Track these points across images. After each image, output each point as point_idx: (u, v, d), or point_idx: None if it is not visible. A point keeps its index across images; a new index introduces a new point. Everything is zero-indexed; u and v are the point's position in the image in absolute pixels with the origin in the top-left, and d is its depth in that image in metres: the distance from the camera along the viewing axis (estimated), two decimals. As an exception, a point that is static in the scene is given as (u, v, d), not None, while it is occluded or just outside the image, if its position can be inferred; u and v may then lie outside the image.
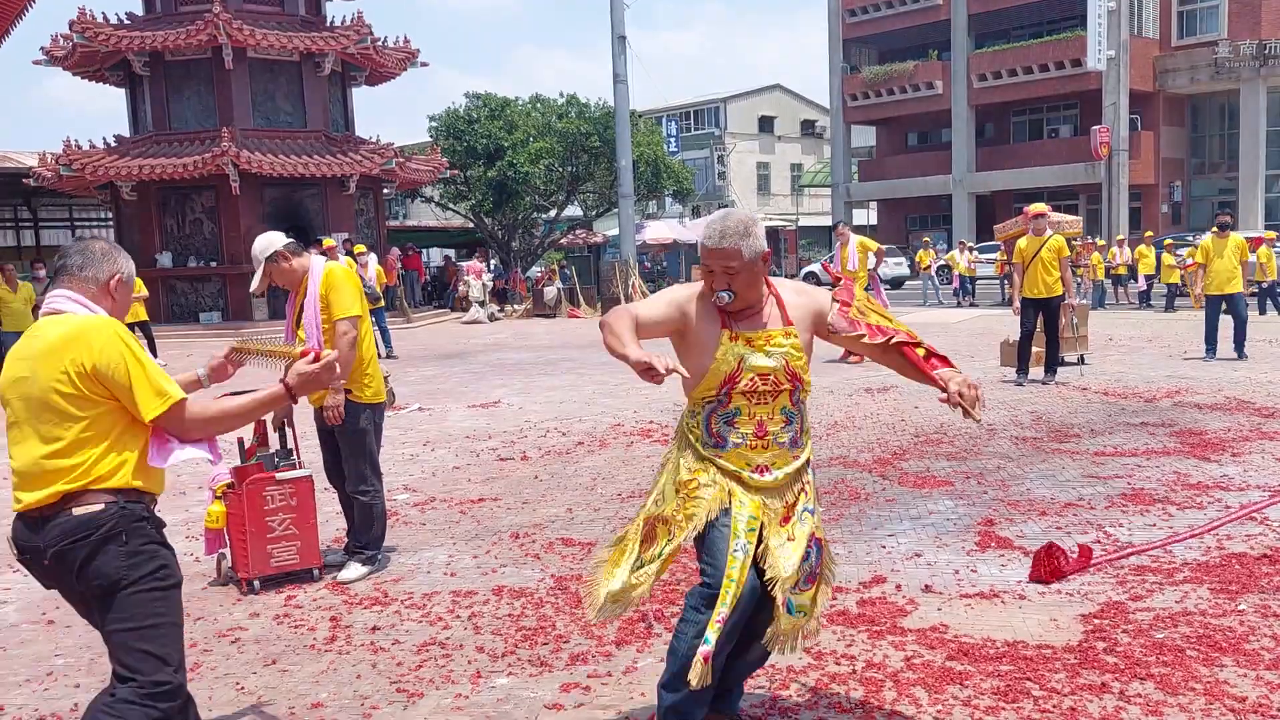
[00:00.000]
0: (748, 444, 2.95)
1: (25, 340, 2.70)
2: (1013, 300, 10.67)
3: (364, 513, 4.94)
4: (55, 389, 2.56)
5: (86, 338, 2.58)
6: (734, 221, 2.92)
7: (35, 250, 34.84)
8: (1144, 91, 36.71)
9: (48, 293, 2.77)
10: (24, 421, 2.62)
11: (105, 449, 2.60)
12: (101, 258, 2.80)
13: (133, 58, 22.27)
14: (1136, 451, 6.96)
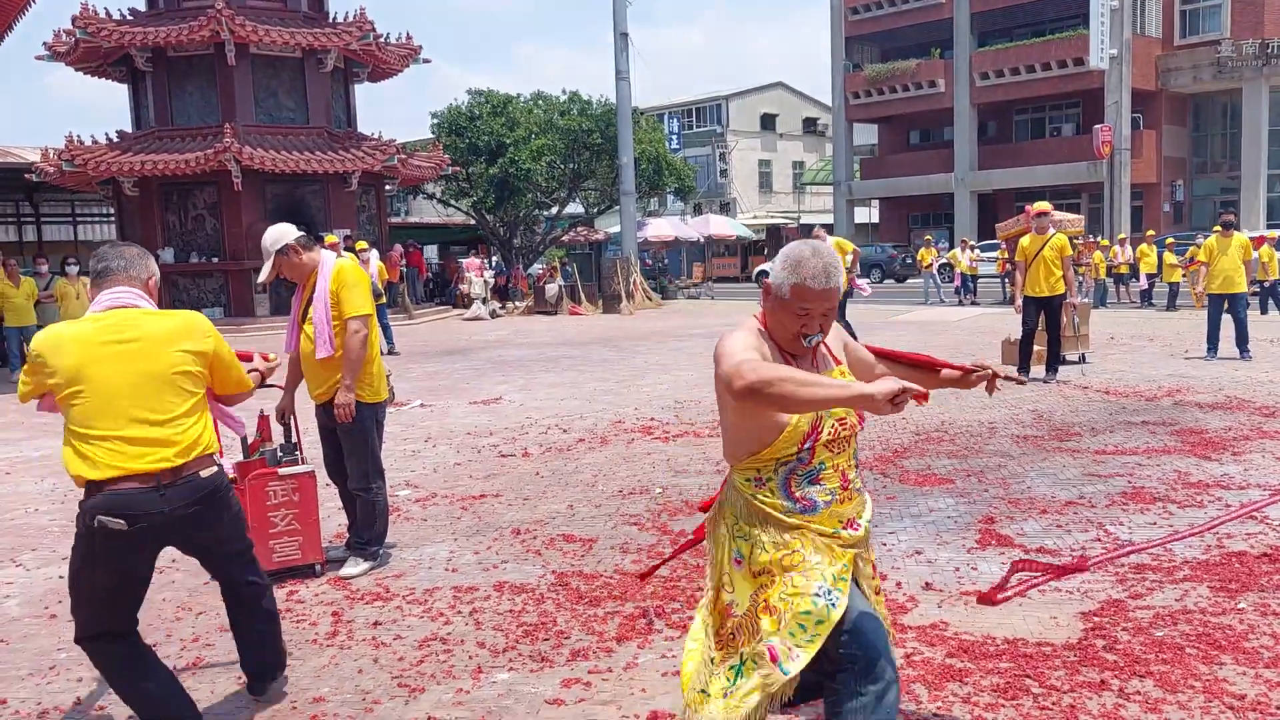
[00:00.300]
0: (837, 499, 2.62)
1: (112, 324, 3.10)
2: (1015, 299, 10.68)
3: (366, 510, 4.95)
4: (179, 368, 3.13)
5: (200, 325, 3.25)
6: (834, 260, 2.58)
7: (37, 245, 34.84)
8: (1146, 90, 36.69)
9: (99, 292, 3.19)
10: (131, 401, 3.04)
11: (205, 419, 3.22)
12: (140, 259, 3.27)
13: (135, 53, 22.27)
14: (1137, 450, 6.97)
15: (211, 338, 3.25)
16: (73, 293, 13.60)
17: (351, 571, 4.87)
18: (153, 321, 3.15)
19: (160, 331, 3.14)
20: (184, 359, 3.14)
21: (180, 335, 3.17)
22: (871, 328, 17.82)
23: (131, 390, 3.04)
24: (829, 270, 2.55)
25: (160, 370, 3.09)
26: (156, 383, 3.08)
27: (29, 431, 9.61)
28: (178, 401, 3.11)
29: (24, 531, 5.94)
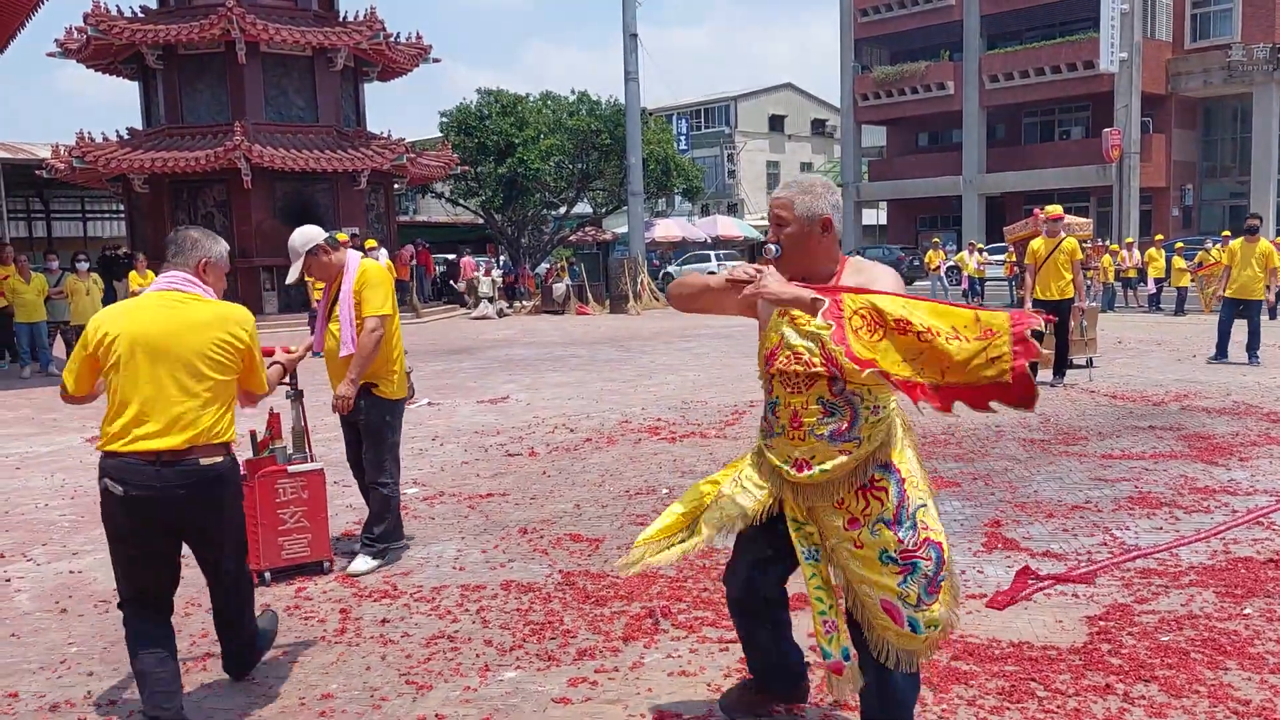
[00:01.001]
0: (786, 436, 2.77)
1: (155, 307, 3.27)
2: (1024, 302, 10.68)
3: (381, 504, 4.98)
4: (205, 354, 3.24)
5: (240, 318, 3.36)
6: (804, 178, 2.85)
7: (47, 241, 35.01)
8: (1156, 94, 36.59)
9: (161, 274, 3.37)
10: (151, 378, 3.17)
11: (224, 409, 3.30)
12: (191, 247, 3.38)
13: (146, 51, 22.36)
14: (1144, 455, 6.97)
15: (248, 334, 3.35)
16: (82, 289, 13.66)
17: (359, 568, 4.89)
18: (191, 307, 3.27)
19: (194, 318, 3.25)
20: (212, 347, 3.25)
21: (215, 325, 3.28)
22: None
23: (153, 368, 3.17)
24: (789, 182, 2.85)
25: (183, 354, 3.20)
26: (178, 365, 3.19)
27: (39, 427, 9.66)
28: (197, 387, 3.21)
29: (34, 526, 5.97)
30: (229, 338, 3.29)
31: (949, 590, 2.78)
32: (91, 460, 7.85)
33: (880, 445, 2.73)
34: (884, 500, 2.72)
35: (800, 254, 2.79)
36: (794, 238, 2.77)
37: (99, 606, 4.53)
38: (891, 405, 2.78)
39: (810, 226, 2.76)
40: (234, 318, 3.34)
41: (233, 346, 3.30)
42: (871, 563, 2.72)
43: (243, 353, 3.34)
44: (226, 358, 3.28)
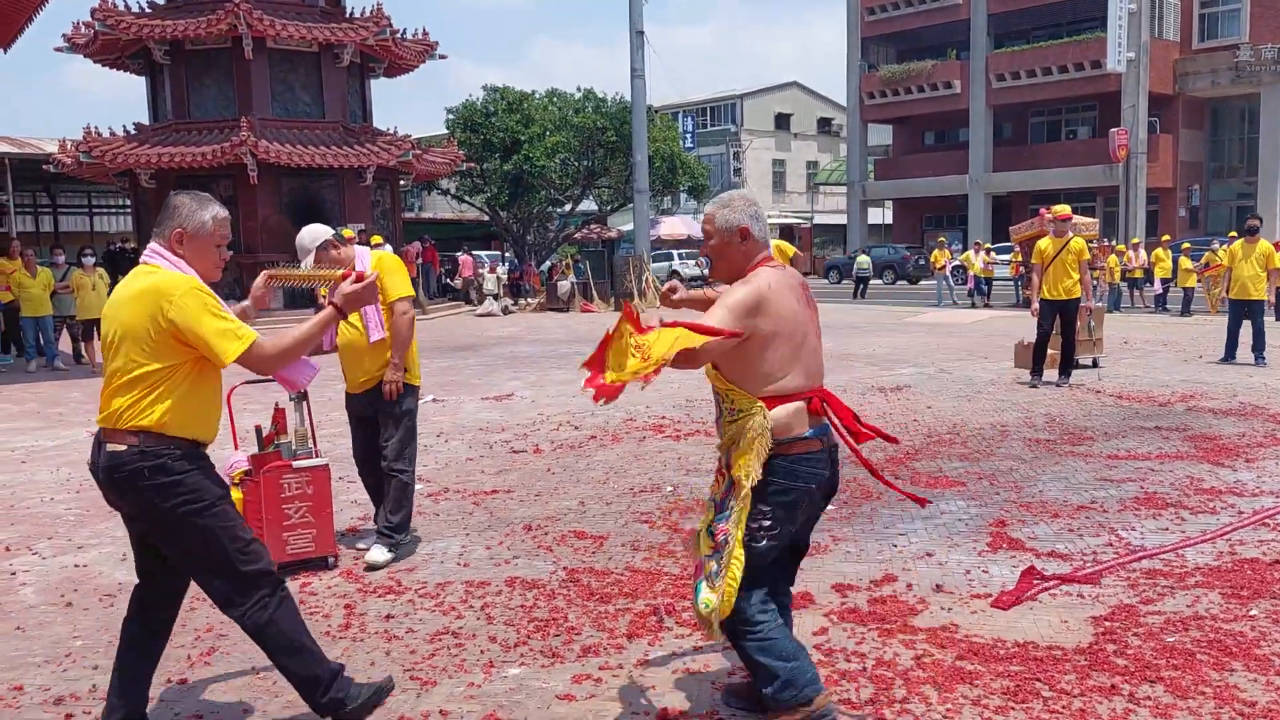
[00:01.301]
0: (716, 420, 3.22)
1: (122, 284, 3.08)
2: (1031, 302, 10.66)
3: (400, 491, 5.04)
4: (135, 333, 2.94)
5: (166, 293, 2.95)
6: (724, 195, 3.18)
7: (54, 236, 35.05)
8: (1163, 94, 36.52)
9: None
10: (108, 352, 3.02)
11: (143, 393, 2.95)
12: (170, 215, 3.11)
13: (153, 46, 22.38)
14: (1150, 455, 6.95)
15: (173, 306, 2.94)
16: (88, 283, 13.68)
17: (378, 559, 4.91)
18: (139, 280, 3.03)
19: (131, 292, 3.01)
20: (143, 324, 2.95)
21: (144, 298, 2.97)
22: (883, 328, 17.80)
23: (109, 347, 3.03)
24: (714, 199, 3.17)
25: (119, 332, 2.99)
26: (118, 343, 2.99)
27: (45, 421, 9.69)
28: (124, 367, 2.97)
29: (40, 520, 5.99)
30: (152, 313, 2.94)
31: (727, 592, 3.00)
32: (97, 454, 7.87)
33: (732, 442, 3.07)
34: (719, 484, 3.12)
35: (725, 262, 3.15)
36: (717, 249, 3.14)
37: (104, 600, 4.54)
38: (749, 413, 3.02)
39: (730, 236, 3.10)
40: (161, 289, 2.96)
41: (154, 323, 2.94)
42: (703, 531, 3.11)
43: (166, 331, 2.94)
44: (148, 338, 2.95)
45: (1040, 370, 10.41)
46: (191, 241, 3.11)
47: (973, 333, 16.96)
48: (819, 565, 4.76)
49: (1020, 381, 10.59)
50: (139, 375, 2.96)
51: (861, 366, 12.31)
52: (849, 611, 4.14)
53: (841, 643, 3.82)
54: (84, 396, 11.31)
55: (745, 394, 3.03)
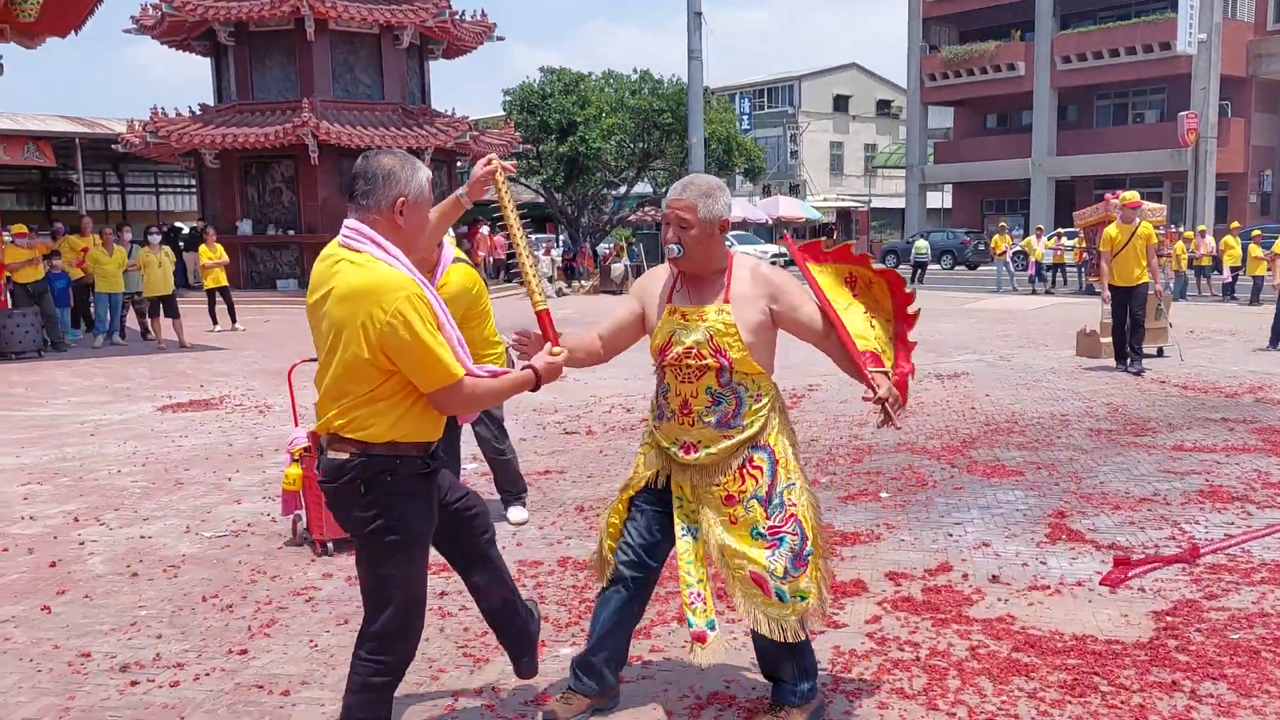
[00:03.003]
0: (675, 420, 3.02)
1: (326, 269, 2.57)
2: (1102, 289, 10.46)
3: (507, 469, 5.37)
4: (348, 333, 2.49)
5: (379, 299, 2.45)
6: (701, 180, 2.99)
7: (122, 214, 35.88)
8: (1235, 76, 35.44)
9: (344, 223, 2.61)
10: (322, 346, 2.59)
11: (368, 399, 2.53)
12: (383, 180, 2.57)
13: (218, 28, 22.74)
14: (1215, 448, 6.79)
15: (385, 316, 2.46)
16: (154, 261, 13.98)
17: (519, 518, 5.35)
18: (351, 275, 2.52)
19: (344, 289, 2.52)
20: (353, 329, 2.50)
21: (357, 301, 2.49)
22: (941, 315, 17.55)
23: (327, 340, 2.61)
24: (687, 184, 2.95)
25: (333, 326, 2.55)
26: (332, 337, 2.56)
27: (112, 395, 9.93)
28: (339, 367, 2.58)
29: (107, 492, 6.15)
30: (365, 322, 2.47)
31: (816, 568, 2.99)
32: (162, 428, 8.07)
33: (759, 429, 2.97)
34: (758, 479, 2.95)
35: (700, 253, 2.97)
36: (696, 240, 2.94)
37: (168, 571, 4.65)
38: (771, 393, 3.03)
39: (711, 228, 2.95)
40: (373, 299, 2.46)
41: (366, 335, 2.47)
42: (744, 538, 2.94)
43: (375, 342, 2.46)
44: (365, 346, 2.48)
45: (1123, 356, 10.30)
46: (412, 211, 2.61)
47: (1033, 320, 16.67)
48: (872, 553, 4.72)
49: (1085, 369, 10.39)
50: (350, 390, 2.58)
51: (918, 353, 12.08)
52: (903, 600, 4.10)
53: (895, 631, 3.79)
54: (150, 372, 11.58)
55: (766, 377, 3.03)
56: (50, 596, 4.34)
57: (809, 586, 2.96)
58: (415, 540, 2.66)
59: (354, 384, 2.52)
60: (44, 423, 8.48)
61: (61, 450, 7.36)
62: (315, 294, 2.59)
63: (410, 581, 2.65)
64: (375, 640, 2.64)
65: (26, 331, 13.06)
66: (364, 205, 2.57)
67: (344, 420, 2.55)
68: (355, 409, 2.54)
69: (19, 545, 5.08)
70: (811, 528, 2.98)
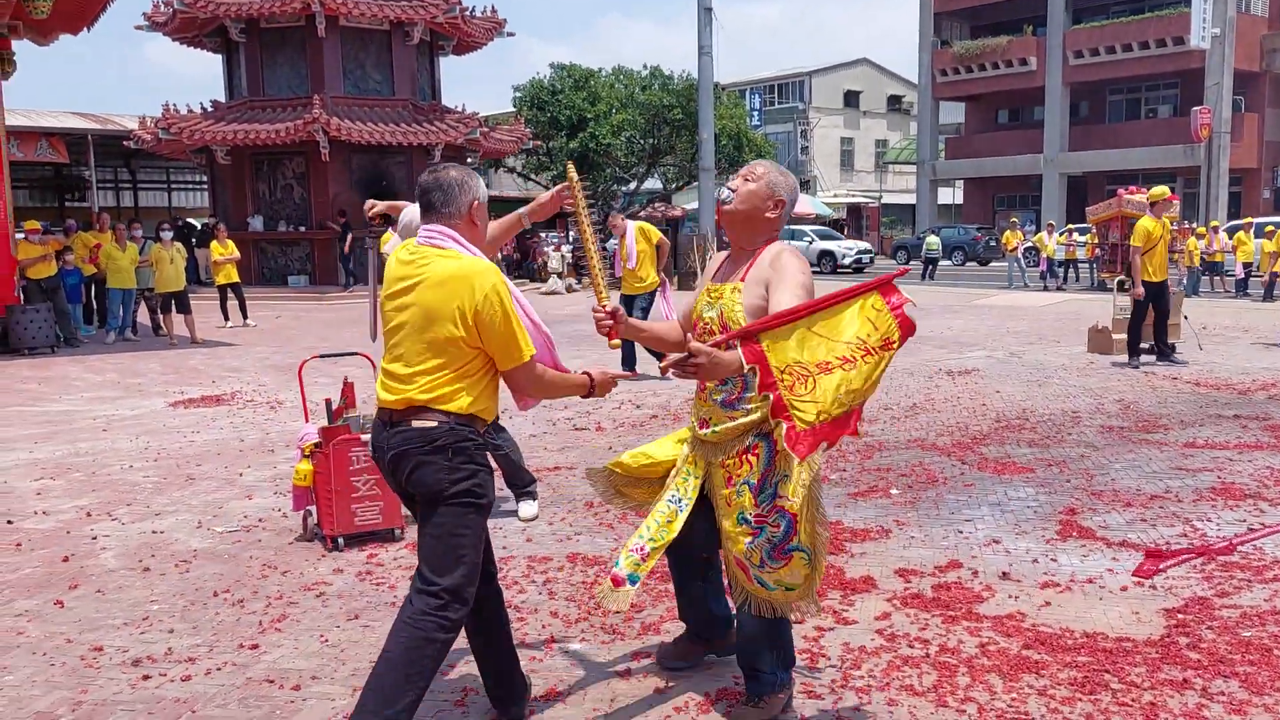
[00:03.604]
0: (697, 395, 3.13)
1: (411, 265, 2.86)
2: (1135, 285, 10.41)
3: (508, 463, 5.25)
4: (439, 317, 2.78)
5: (472, 280, 2.78)
6: (778, 164, 3.15)
7: (134, 211, 36.01)
8: (1249, 71, 35.25)
9: (423, 227, 2.91)
10: (398, 332, 2.86)
11: (454, 376, 2.83)
12: (459, 189, 2.92)
13: (229, 24, 22.80)
14: (1228, 445, 6.75)
15: (477, 297, 2.79)
16: (166, 257, 14.04)
17: (530, 513, 5.32)
18: (444, 264, 2.84)
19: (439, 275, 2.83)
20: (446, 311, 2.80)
21: (452, 284, 2.81)
22: (952, 311, 17.51)
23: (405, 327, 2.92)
24: (767, 162, 3.14)
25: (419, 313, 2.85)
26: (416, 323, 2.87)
27: (124, 390, 9.98)
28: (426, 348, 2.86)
29: (119, 487, 6.18)
30: (458, 303, 2.80)
31: (803, 562, 2.95)
32: (173, 424, 8.11)
33: (765, 417, 2.91)
34: (753, 466, 2.96)
35: (745, 213, 3.06)
36: (748, 195, 3.05)
37: (180, 566, 4.67)
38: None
39: (769, 193, 3.05)
40: (467, 281, 2.80)
41: (460, 314, 2.80)
42: (733, 522, 2.98)
43: (467, 319, 2.80)
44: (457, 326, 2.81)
45: (1169, 349, 10.36)
46: (480, 212, 2.99)
47: (1045, 316, 16.61)
48: (883, 550, 4.72)
49: (1094, 365, 10.36)
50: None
51: (929, 349, 12.13)
52: (913, 597, 4.10)
53: (904, 628, 3.79)
54: (161, 368, 11.63)
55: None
56: (63, 591, 4.36)
57: (795, 580, 2.95)
58: (489, 505, 2.94)
59: (444, 361, 2.82)
60: (57, 418, 8.53)
61: (74, 445, 7.40)
62: (396, 285, 2.88)
63: (478, 545, 2.90)
64: (448, 595, 2.81)
65: (40, 327, 13.13)
66: (446, 212, 2.90)
67: (430, 395, 2.82)
68: (443, 385, 2.82)
69: (32, 540, 5.11)
70: (804, 522, 2.92)
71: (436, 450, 2.81)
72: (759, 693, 3.10)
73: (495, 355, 2.85)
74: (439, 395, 2.83)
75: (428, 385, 2.82)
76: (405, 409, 2.85)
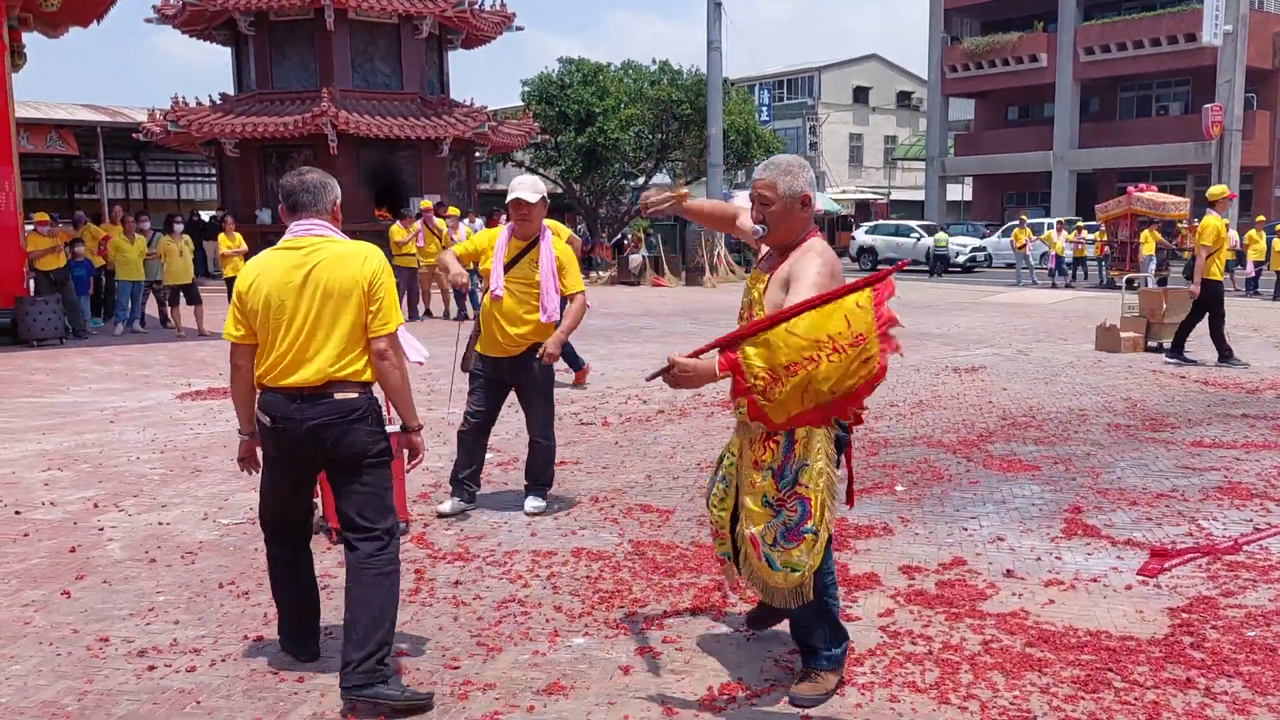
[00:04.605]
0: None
1: (297, 257, 3.25)
2: (1194, 283, 10.38)
3: (546, 455, 5.35)
4: (342, 288, 3.23)
5: (366, 256, 3.28)
6: (782, 159, 3.18)
7: (143, 203, 36.09)
8: (1262, 69, 35.06)
9: (295, 223, 3.32)
10: (299, 315, 3.22)
11: (360, 351, 3.29)
12: (323, 190, 3.35)
13: (238, 17, 22.83)
14: (1235, 444, 6.73)
15: (375, 268, 3.30)
16: (176, 250, 14.08)
17: (536, 507, 5.32)
18: (333, 246, 3.30)
19: (333, 256, 3.28)
20: (349, 285, 3.26)
21: (350, 260, 3.29)
22: (960, 307, 17.47)
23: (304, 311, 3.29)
24: (770, 164, 3.16)
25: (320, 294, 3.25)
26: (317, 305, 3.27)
27: (131, 383, 10.01)
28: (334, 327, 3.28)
29: (126, 479, 6.20)
30: (360, 275, 3.28)
31: (811, 545, 3.05)
32: (181, 416, 8.13)
33: None
34: (774, 452, 3.07)
35: (783, 229, 3.15)
36: (777, 215, 3.14)
37: (186, 558, 4.69)
38: None
39: (792, 204, 3.12)
40: (363, 256, 3.29)
41: (362, 285, 3.27)
42: (756, 501, 3.10)
43: (366, 288, 3.28)
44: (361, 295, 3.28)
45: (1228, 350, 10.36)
46: (337, 208, 3.42)
47: (1053, 314, 16.57)
48: (886, 547, 4.72)
49: (1101, 364, 10.33)
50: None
51: (936, 346, 12.11)
52: (916, 594, 4.09)
53: (907, 625, 3.78)
54: (169, 360, 11.66)
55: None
56: (70, 581, 4.39)
57: (802, 561, 3.04)
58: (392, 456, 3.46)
59: (349, 335, 3.25)
60: (65, 409, 8.56)
61: (82, 437, 7.43)
62: (292, 276, 3.23)
63: (392, 490, 3.44)
64: (388, 537, 3.32)
65: (49, 319, 13.18)
66: (317, 208, 3.33)
67: (346, 370, 3.25)
68: (354, 361, 3.27)
69: (39, 530, 5.14)
70: (819, 508, 3.04)
71: (360, 419, 3.27)
72: (814, 667, 3.22)
73: (375, 321, 3.26)
74: (353, 370, 3.26)
75: (340, 361, 3.23)
76: (324, 383, 3.22)
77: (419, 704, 3.18)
